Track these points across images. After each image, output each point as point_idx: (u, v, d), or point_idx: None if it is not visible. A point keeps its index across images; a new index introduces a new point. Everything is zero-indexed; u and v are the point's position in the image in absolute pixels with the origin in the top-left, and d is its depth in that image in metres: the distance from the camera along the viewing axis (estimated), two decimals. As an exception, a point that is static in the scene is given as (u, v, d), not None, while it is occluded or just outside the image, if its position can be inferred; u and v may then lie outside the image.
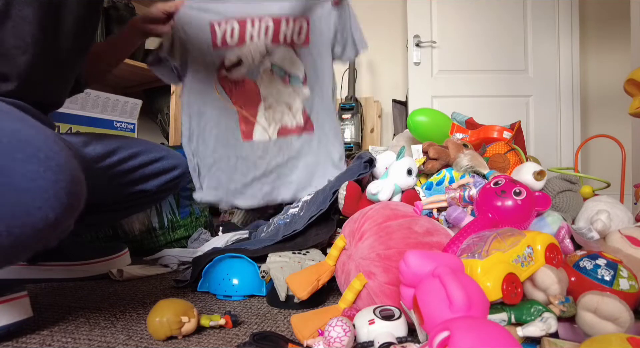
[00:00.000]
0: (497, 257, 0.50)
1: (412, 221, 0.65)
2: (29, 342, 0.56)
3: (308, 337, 0.53)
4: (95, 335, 0.58)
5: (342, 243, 0.70)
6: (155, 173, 0.92)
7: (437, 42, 2.32)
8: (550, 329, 0.45)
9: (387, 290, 0.58)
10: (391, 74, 2.59)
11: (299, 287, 0.67)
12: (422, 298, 0.44)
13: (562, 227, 0.65)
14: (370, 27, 2.61)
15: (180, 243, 1.28)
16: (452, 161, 0.92)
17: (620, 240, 0.69)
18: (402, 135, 1.39)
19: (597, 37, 2.32)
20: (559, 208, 0.85)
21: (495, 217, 0.61)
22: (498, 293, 0.46)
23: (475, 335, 0.35)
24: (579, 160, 1.24)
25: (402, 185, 0.85)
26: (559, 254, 0.55)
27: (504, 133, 1.10)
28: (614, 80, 2.23)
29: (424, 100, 2.30)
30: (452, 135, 1.19)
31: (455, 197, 0.76)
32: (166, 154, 0.94)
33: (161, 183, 0.93)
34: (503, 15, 2.29)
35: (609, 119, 2.27)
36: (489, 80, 2.29)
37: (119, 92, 1.84)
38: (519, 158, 1.01)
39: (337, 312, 0.60)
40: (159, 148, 0.94)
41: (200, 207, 1.36)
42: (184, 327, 0.56)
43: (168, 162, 0.94)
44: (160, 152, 0.93)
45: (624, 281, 0.54)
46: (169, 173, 0.95)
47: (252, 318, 0.66)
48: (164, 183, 0.94)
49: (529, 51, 2.28)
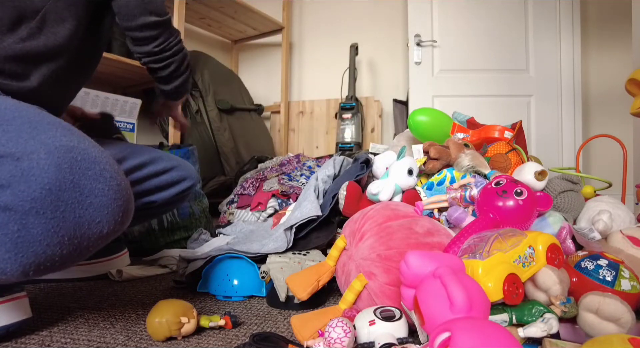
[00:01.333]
0: (498, 257, 0.49)
1: (412, 221, 0.65)
2: (28, 343, 0.55)
3: (308, 337, 0.53)
4: (95, 335, 0.58)
5: (343, 243, 0.70)
6: (164, 185, 0.84)
7: (438, 41, 2.31)
8: (552, 330, 0.45)
9: (388, 291, 0.58)
10: (392, 73, 2.59)
11: (299, 287, 0.67)
12: (423, 298, 0.43)
13: (563, 228, 0.65)
14: (371, 27, 2.62)
15: (180, 244, 1.28)
16: (453, 161, 0.92)
17: (621, 241, 0.68)
18: (402, 135, 1.38)
19: (598, 37, 2.31)
20: (561, 209, 0.84)
21: (497, 218, 0.61)
22: (499, 293, 0.46)
23: (476, 335, 0.35)
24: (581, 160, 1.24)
25: (402, 185, 0.84)
26: (561, 255, 0.55)
27: (505, 133, 1.10)
28: (616, 79, 2.23)
29: (425, 99, 2.30)
30: (453, 135, 1.19)
31: (456, 197, 0.76)
32: (176, 165, 0.86)
33: (169, 195, 0.85)
34: (504, 14, 2.29)
35: (611, 118, 2.26)
36: (490, 79, 2.29)
37: (118, 91, 1.84)
38: (520, 158, 1.01)
39: (338, 312, 0.59)
40: (169, 158, 0.87)
41: (200, 208, 1.36)
42: (184, 327, 0.56)
43: (177, 173, 0.86)
44: (169, 162, 0.85)
45: (625, 282, 0.53)
46: (178, 185, 0.86)
47: (252, 319, 0.66)
48: (172, 195, 0.86)
49: (530, 51, 2.28)
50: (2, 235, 0.43)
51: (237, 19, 2.34)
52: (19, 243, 0.44)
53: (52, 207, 0.45)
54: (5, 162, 0.44)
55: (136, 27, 0.78)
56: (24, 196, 0.43)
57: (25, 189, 0.43)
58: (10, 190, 0.43)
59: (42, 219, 0.44)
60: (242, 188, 1.43)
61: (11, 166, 0.44)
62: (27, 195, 0.43)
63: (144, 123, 1.88)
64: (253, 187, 1.42)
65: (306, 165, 1.52)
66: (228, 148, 1.96)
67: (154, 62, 0.86)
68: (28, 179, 0.44)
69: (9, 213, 0.43)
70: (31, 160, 0.44)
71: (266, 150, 2.30)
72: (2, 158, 0.44)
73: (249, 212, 1.33)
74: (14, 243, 0.44)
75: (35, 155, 0.45)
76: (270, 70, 2.75)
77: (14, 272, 0.45)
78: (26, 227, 0.44)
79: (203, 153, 1.78)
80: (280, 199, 1.36)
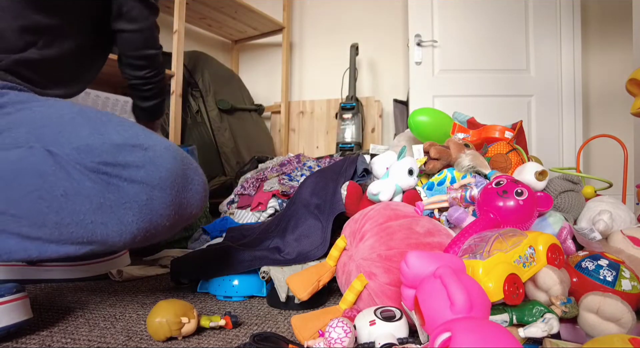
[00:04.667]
0: (499, 257, 0.49)
1: (413, 221, 0.65)
2: (28, 343, 0.55)
3: (308, 338, 0.53)
4: (95, 335, 0.58)
5: (343, 243, 0.70)
6: None
7: (438, 41, 2.31)
8: (552, 330, 0.45)
9: (388, 291, 0.58)
10: (392, 73, 2.59)
11: (299, 287, 0.67)
12: (423, 299, 0.43)
13: (564, 228, 0.65)
14: (371, 27, 2.62)
15: (180, 244, 1.28)
16: (453, 161, 0.92)
17: (622, 241, 0.68)
18: (403, 135, 1.38)
19: (599, 37, 2.31)
20: (561, 209, 0.84)
21: (497, 218, 0.61)
22: (499, 294, 0.46)
23: (476, 336, 0.35)
24: (581, 160, 1.24)
25: (403, 185, 0.84)
26: (561, 255, 0.55)
27: (505, 133, 1.10)
28: (616, 79, 2.23)
29: (425, 99, 2.30)
30: (454, 135, 1.19)
31: (457, 197, 0.76)
32: None
33: None
34: (504, 14, 2.29)
35: (611, 118, 2.26)
36: (490, 79, 2.28)
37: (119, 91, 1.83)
38: (520, 158, 1.01)
39: (338, 312, 0.59)
40: None
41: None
42: (184, 327, 0.56)
43: None
44: None
45: (626, 282, 0.53)
46: None
47: (253, 319, 0.66)
48: None
49: (530, 51, 2.28)
50: (134, 202, 0.55)
51: (237, 19, 2.34)
52: (143, 210, 0.55)
53: (171, 186, 0.57)
54: (137, 151, 0.56)
55: (136, 56, 0.90)
56: (154, 175, 0.56)
57: (154, 170, 0.56)
58: (144, 170, 0.55)
59: (163, 194, 0.57)
60: (242, 189, 1.43)
61: (141, 154, 0.56)
62: (156, 174, 0.56)
63: (144, 123, 1.88)
64: (253, 187, 1.42)
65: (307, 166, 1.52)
66: (228, 148, 1.96)
67: (142, 84, 0.97)
68: (156, 163, 0.57)
69: (143, 186, 0.55)
70: (155, 151, 0.57)
71: (266, 150, 2.30)
72: (135, 147, 0.56)
73: (249, 212, 1.32)
74: (139, 209, 0.55)
75: (158, 147, 0.58)
76: (271, 70, 2.76)
77: (128, 234, 0.55)
78: (152, 198, 0.56)
79: (203, 153, 1.78)
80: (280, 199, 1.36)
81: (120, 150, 0.55)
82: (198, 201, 0.62)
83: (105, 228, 0.54)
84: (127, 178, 0.55)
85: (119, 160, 0.55)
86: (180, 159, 0.59)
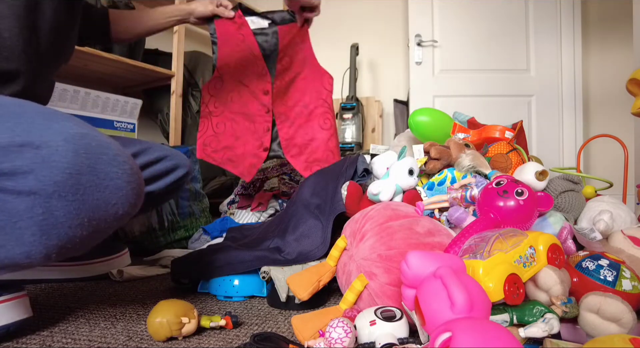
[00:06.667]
0: (499, 257, 0.49)
1: (413, 221, 0.65)
2: (28, 343, 0.55)
3: (309, 338, 0.53)
4: (95, 335, 0.58)
5: (343, 243, 0.70)
6: (159, 174, 0.86)
7: (438, 41, 2.31)
8: (553, 330, 0.45)
9: (389, 291, 0.58)
10: (392, 73, 2.59)
11: (299, 287, 0.67)
12: (424, 299, 0.43)
13: (564, 228, 0.65)
14: (371, 27, 2.62)
15: (181, 244, 1.28)
16: (453, 161, 0.92)
17: (622, 241, 0.68)
18: (403, 135, 1.39)
19: (599, 37, 2.31)
20: (561, 209, 0.84)
21: (497, 218, 0.61)
22: (500, 294, 0.46)
23: (477, 336, 0.35)
24: (581, 160, 1.24)
25: (403, 185, 0.84)
26: (562, 255, 0.55)
27: (505, 133, 1.10)
28: (617, 79, 2.23)
29: (426, 99, 2.30)
30: (454, 135, 1.19)
31: (457, 197, 0.76)
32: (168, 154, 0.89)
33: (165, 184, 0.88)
34: (505, 14, 2.29)
35: (611, 118, 2.26)
36: (490, 79, 2.29)
37: (119, 92, 1.84)
38: (521, 158, 1.01)
39: (338, 312, 0.59)
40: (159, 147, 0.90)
41: (200, 208, 1.36)
42: (184, 327, 0.56)
43: (170, 162, 0.89)
44: (161, 152, 0.88)
45: (626, 282, 0.53)
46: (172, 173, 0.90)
47: (253, 319, 0.66)
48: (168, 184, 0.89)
49: (531, 51, 2.28)
50: (28, 219, 0.45)
51: (237, 19, 2.34)
52: (43, 226, 0.46)
53: (73, 190, 0.47)
54: (26, 151, 0.46)
55: None
56: (47, 180, 0.45)
57: (47, 174, 0.45)
58: (33, 176, 0.45)
59: (65, 202, 0.46)
60: (242, 188, 1.43)
61: (31, 154, 0.45)
62: (49, 179, 0.45)
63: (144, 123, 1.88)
64: (254, 187, 1.42)
65: (307, 165, 1.52)
66: (229, 148, 1.96)
67: None
68: (49, 165, 0.46)
69: (34, 197, 0.45)
70: (50, 147, 0.46)
71: (267, 150, 2.30)
72: (22, 147, 0.46)
73: (249, 212, 1.33)
74: (39, 226, 0.46)
75: (54, 142, 0.47)
76: (271, 70, 2.75)
77: (37, 254, 0.47)
78: (50, 210, 0.46)
79: (204, 153, 1.78)
80: (281, 199, 1.36)
81: (6, 154, 0.45)
82: (122, 198, 0.51)
83: (6, 252, 0.46)
84: (13, 190, 0.44)
85: (3, 167, 0.44)
86: (84, 151, 0.48)
